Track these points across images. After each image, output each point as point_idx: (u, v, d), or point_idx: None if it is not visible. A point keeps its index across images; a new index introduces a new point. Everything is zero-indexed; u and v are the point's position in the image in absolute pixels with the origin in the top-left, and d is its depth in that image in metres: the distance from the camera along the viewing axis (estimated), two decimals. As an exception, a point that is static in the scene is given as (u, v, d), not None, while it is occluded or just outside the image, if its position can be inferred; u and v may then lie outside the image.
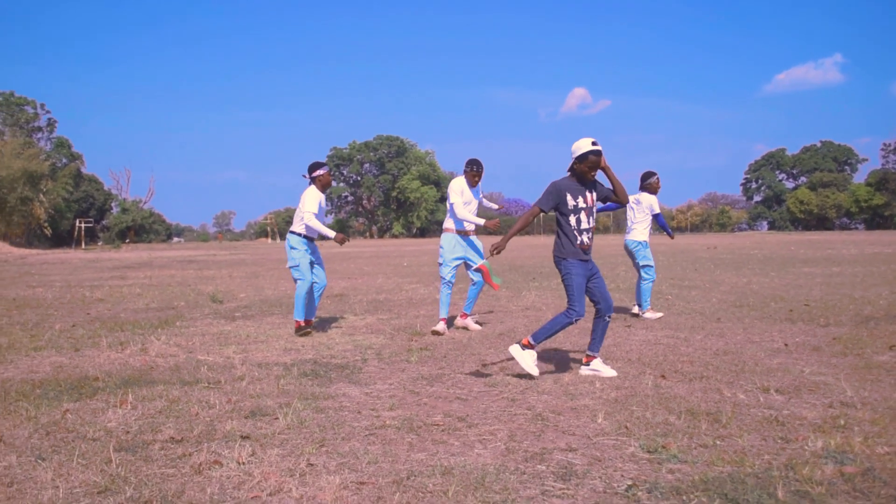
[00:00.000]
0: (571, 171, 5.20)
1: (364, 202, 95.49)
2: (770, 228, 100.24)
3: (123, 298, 12.04)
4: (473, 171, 7.48)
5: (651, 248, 8.71)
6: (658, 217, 8.56)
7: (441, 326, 7.48)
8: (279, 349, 6.64)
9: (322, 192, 7.65)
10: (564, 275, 5.17)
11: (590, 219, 5.17)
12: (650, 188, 8.63)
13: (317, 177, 7.64)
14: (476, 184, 7.54)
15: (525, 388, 4.85)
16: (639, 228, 8.60)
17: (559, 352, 6.26)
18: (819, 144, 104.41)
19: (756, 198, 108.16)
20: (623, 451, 3.45)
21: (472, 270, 7.37)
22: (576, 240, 5.13)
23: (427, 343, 6.85)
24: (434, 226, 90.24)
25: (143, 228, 79.32)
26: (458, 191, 7.45)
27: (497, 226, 7.30)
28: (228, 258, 30.36)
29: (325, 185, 7.70)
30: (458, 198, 7.42)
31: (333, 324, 8.34)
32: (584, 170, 5.10)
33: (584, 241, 5.14)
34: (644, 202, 8.55)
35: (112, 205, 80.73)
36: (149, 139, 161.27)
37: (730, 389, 4.67)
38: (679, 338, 6.88)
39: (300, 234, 7.55)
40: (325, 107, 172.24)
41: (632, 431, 3.77)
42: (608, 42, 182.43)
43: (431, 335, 7.36)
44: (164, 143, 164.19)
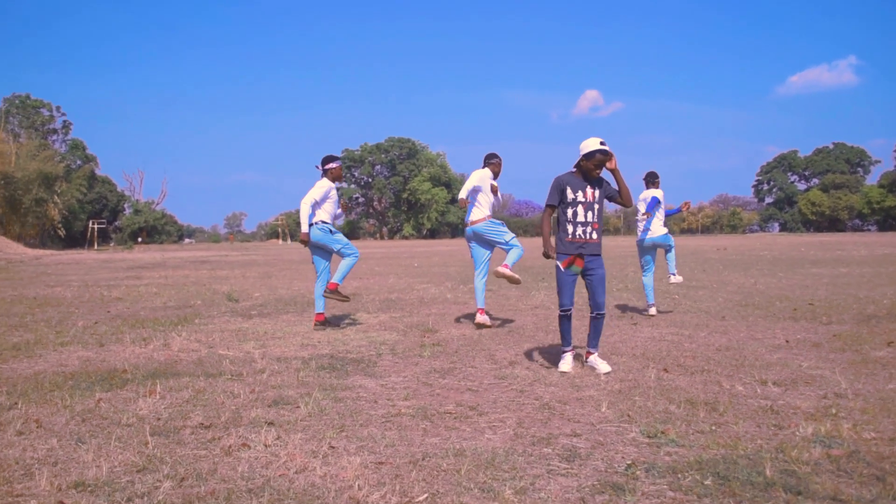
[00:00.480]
0: (577, 167, 5.44)
1: (375, 203, 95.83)
2: (782, 230, 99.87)
3: (141, 297, 12.33)
4: (499, 162, 7.98)
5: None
6: (652, 201, 9.02)
7: (481, 318, 7.77)
8: (296, 345, 6.89)
9: (332, 184, 7.95)
10: (556, 268, 5.44)
11: (588, 213, 5.39)
12: (657, 185, 9.03)
13: (329, 169, 7.96)
14: (497, 176, 7.98)
15: (533, 381, 5.08)
16: (658, 224, 8.91)
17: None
18: (831, 146, 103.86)
19: (767, 199, 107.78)
20: (624, 437, 3.68)
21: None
22: (568, 233, 5.38)
23: (439, 339, 7.09)
24: (444, 227, 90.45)
25: (156, 230, 79.93)
26: (474, 178, 7.80)
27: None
28: (241, 259, 30.70)
29: (336, 178, 8.03)
30: (469, 184, 7.78)
31: (347, 321, 8.59)
32: (590, 167, 5.34)
33: (578, 234, 5.37)
34: (659, 196, 8.92)
35: (125, 206, 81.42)
36: (162, 141, 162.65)
37: (729, 382, 4.89)
38: (683, 335, 7.09)
39: (320, 222, 7.84)
40: (337, 109, 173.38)
41: (633, 419, 4.00)
42: (620, 44, 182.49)
43: (456, 328, 7.61)
44: (177, 145, 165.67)
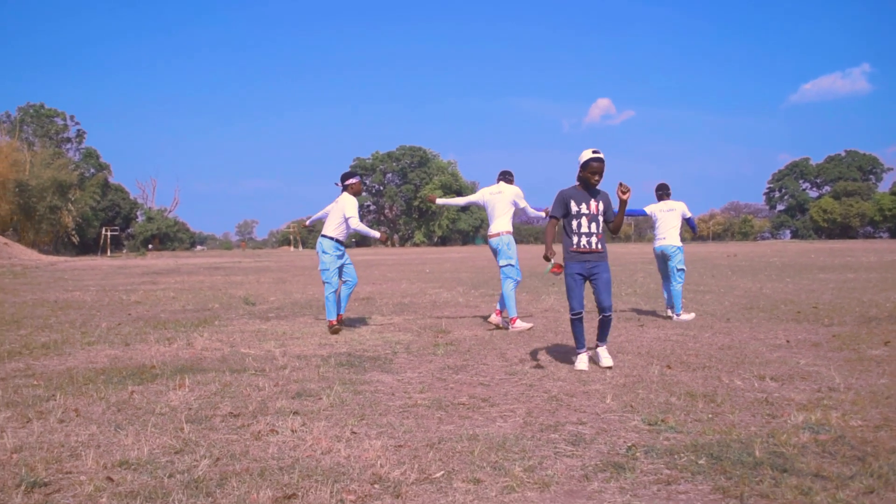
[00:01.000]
0: (579, 181, 5.73)
1: (386, 211, 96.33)
2: (793, 237, 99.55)
3: (159, 301, 12.67)
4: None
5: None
6: (690, 220, 9.36)
7: (520, 324, 7.97)
8: (315, 344, 7.17)
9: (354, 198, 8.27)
10: (565, 275, 5.73)
11: (592, 224, 5.67)
12: (668, 197, 9.26)
13: (349, 185, 8.26)
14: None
15: (542, 376, 5.33)
16: (673, 233, 9.09)
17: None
18: (844, 154, 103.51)
19: (779, 207, 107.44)
20: (627, 424, 3.93)
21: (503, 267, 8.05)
22: (572, 242, 5.68)
23: (452, 339, 7.35)
24: (455, 234, 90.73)
25: (168, 237, 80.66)
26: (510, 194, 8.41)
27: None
28: (254, 265, 31.10)
29: (356, 193, 8.32)
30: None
31: (363, 323, 8.87)
32: (588, 175, 5.64)
33: (583, 244, 5.66)
34: (678, 208, 9.11)
35: (137, 213, 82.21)
36: (175, 149, 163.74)
37: (728, 377, 5.13)
38: (688, 335, 7.32)
39: (334, 239, 8.11)
40: (348, 117, 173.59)
41: (636, 409, 4.25)
42: (632, 53, 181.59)
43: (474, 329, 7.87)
44: (190, 154, 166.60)
